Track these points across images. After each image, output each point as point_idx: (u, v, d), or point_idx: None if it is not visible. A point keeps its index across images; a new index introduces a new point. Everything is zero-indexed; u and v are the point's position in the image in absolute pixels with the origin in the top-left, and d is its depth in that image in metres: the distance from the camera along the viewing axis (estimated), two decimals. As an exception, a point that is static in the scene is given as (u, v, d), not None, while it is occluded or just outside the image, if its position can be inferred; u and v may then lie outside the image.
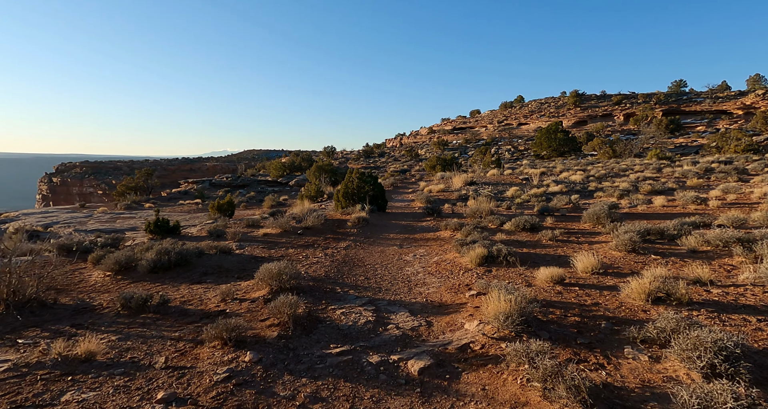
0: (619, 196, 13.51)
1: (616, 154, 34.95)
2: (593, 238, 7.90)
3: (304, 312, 4.23)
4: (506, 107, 61.99)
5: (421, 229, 10.57)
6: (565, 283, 5.03)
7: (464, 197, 15.30)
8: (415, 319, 4.29)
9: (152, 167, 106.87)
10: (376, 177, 13.57)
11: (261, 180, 30.05)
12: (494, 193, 15.73)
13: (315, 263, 7.14)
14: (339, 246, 8.84)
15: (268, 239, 9.53)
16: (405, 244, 9.01)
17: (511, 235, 8.60)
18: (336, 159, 51.91)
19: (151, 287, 5.80)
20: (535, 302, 4.01)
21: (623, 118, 46.81)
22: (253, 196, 26.32)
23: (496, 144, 48.15)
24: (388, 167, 37.40)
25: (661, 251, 6.36)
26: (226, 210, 12.62)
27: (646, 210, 10.97)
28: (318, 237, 9.72)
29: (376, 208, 12.86)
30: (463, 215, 11.55)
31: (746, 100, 41.10)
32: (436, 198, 15.34)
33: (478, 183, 18.03)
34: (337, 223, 11.24)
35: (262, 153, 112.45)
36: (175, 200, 26.42)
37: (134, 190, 25.48)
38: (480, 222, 10.08)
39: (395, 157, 49.20)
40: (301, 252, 8.24)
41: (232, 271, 6.68)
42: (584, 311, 4.07)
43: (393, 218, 12.31)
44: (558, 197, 13.23)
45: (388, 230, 10.57)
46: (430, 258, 7.40)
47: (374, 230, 10.59)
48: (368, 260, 7.57)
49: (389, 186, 20.73)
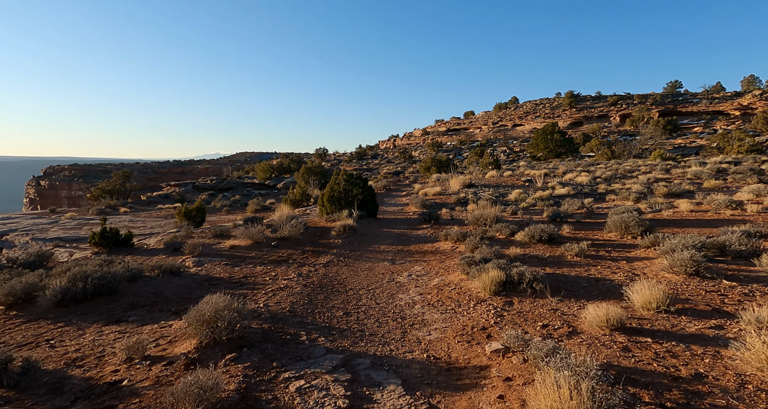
0: (636, 200, 12.03)
1: (614, 155, 33.68)
2: (628, 252, 6.36)
3: (233, 396, 2.61)
4: (501, 108, 60.69)
5: (417, 239, 8.98)
6: (627, 328, 3.47)
7: (463, 201, 13.76)
8: (413, 400, 2.69)
9: (143, 170, 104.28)
10: (366, 179, 11.98)
11: (248, 183, 28.28)
12: (496, 196, 14.21)
13: (283, 288, 5.51)
14: (318, 262, 7.22)
15: (235, 252, 7.88)
16: (398, 258, 7.41)
17: (526, 248, 7.04)
18: (328, 161, 50.26)
19: (45, 332, 4.14)
20: (617, 390, 2.42)
21: (619, 119, 45.66)
22: (238, 200, 24.60)
23: (491, 145, 46.78)
24: (381, 169, 35.85)
25: (731, 273, 4.82)
26: (195, 217, 10.94)
27: (673, 216, 9.48)
28: (295, 250, 8.09)
29: (365, 214, 11.26)
30: (464, 221, 9.98)
31: (743, 101, 40.12)
32: (433, 202, 13.78)
33: (477, 185, 16.51)
34: (320, 232, 9.62)
35: (255, 155, 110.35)
36: (154, 204, 24.60)
37: (111, 194, 23.61)
38: (486, 231, 8.52)
39: (388, 159, 47.65)
40: (270, 271, 6.60)
41: (171, 301, 5.03)
42: (687, 394, 2.49)
43: (385, 225, 10.72)
44: (568, 201, 11.72)
45: (378, 241, 8.96)
46: (429, 280, 5.82)
47: (362, 240, 8.98)
48: (352, 281, 5.97)
49: (381, 189, 19.14)
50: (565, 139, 37.27)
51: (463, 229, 9.46)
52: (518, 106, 60.17)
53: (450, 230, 9.13)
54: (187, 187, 26.96)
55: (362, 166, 40.49)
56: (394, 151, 56.89)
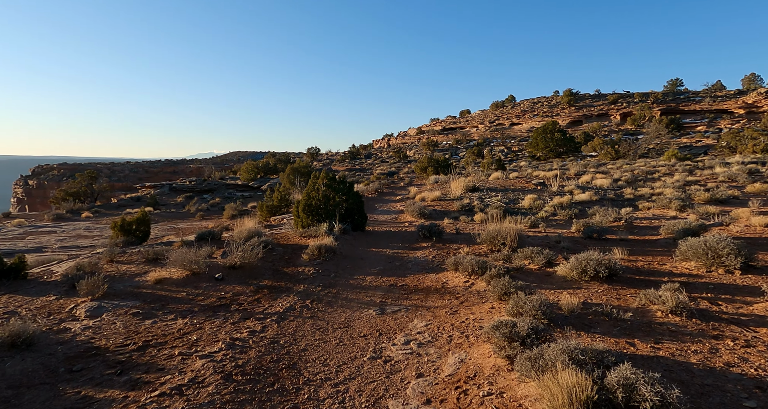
0: (679, 209, 9.74)
1: (619, 155, 31.55)
2: (748, 304, 4.04)
3: None
4: (497, 107, 58.38)
5: (416, 265, 6.59)
6: None
7: (468, 209, 11.42)
8: None
9: (134, 169, 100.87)
10: (352, 184, 9.58)
11: (231, 184, 25.72)
12: (506, 202, 11.90)
13: (187, 384, 3.13)
14: (272, 310, 4.83)
15: (159, 290, 5.46)
16: (390, 302, 5.04)
17: (576, 289, 4.70)
18: (320, 161, 47.77)
19: None
20: None
21: (620, 117, 43.56)
22: (218, 203, 22.10)
23: (489, 145, 44.55)
24: (374, 169, 33.48)
25: None
26: (135, 231, 8.48)
27: (747, 232, 7.19)
28: (246, 286, 5.68)
29: (350, 226, 8.87)
30: (474, 238, 7.60)
31: (748, 99, 38.19)
32: (432, 209, 11.42)
33: (481, 189, 14.18)
34: (290, 253, 7.21)
35: (248, 155, 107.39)
36: (124, 208, 22.02)
37: (75, 197, 20.99)
38: (510, 258, 6.16)
39: (382, 158, 45.24)
40: (195, 330, 4.21)
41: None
42: None
43: (374, 242, 8.33)
44: (597, 210, 9.42)
45: (363, 268, 6.56)
46: (439, 357, 3.47)
47: (343, 266, 6.58)
48: (313, 358, 3.59)
49: (373, 192, 16.74)
50: (566, 138, 35.12)
51: (475, 249, 7.10)
52: (515, 104, 57.93)
53: (459, 252, 6.77)
54: (164, 188, 24.33)
55: (355, 166, 38.07)
56: (388, 150, 54.45)
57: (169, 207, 22.27)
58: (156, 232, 14.47)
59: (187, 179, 26.45)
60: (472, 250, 7.09)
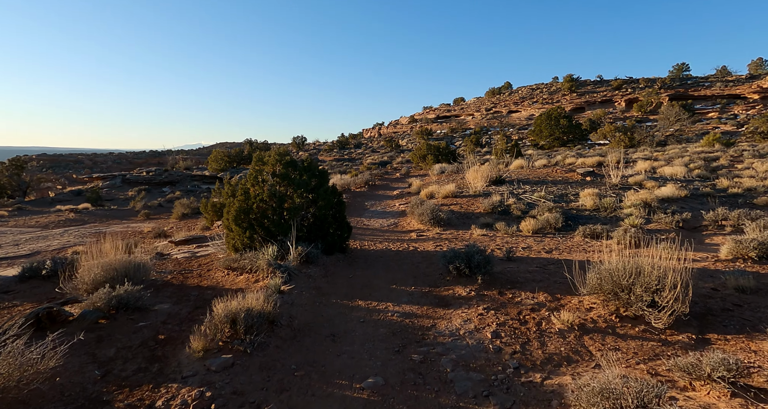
0: None
1: (633, 142, 27.93)
2: None
3: None
4: (494, 94, 54.26)
5: (460, 363, 2.61)
6: None
7: (503, 209, 7.50)
8: None
9: (117, 160, 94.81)
10: (324, 173, 5.53)
11: (196, 175, 21.40)
12: (554, 198, 8.00)
13: None
14: None
15: None
16: None
17: None
18: (307, 150, 43.37)
19: None
20: None
21: (625, 104, 39.89)
22: (177, 198, 17.83)
23: (486, 133, 40.67)
24: (364, 159, 29.36)
25: None
26: None
27: None
28: None
29: (320, 250, 4.86)
30: (554, 272, 3.66)
31: (763, 83, 34.78)
32: (449, 210, 7.47)
33: (509, 181, 10.26)
34: (183, 318, 3.20)
35: (236, 145, 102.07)
36: (60, 202, 17.61)
37: None
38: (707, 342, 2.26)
39: (373, 148, 41.05)
40: None
41: None
42: None
43: (363, 282, 4.32)
44: (727, 215, 5.62)
45: (332, 379, 2.57)
46: None
47: (282, 378, 2.58)
48: None
49: (362, 185, 12.69)
50: (572, 125, 31.33)
51: (572, 307, 3.15)
52: (512, 91, 53.85)
53: (540, 317, 2.82)
54: (115, 180, 19.91)
55: (343, 156, 33.92)
56: (379, 139, 50.18)
57: (117, 203, 17.92)
58: (67, 239, 10.29)
59: (144, 170, 22.04)
60: (574, 310, 3.14)
